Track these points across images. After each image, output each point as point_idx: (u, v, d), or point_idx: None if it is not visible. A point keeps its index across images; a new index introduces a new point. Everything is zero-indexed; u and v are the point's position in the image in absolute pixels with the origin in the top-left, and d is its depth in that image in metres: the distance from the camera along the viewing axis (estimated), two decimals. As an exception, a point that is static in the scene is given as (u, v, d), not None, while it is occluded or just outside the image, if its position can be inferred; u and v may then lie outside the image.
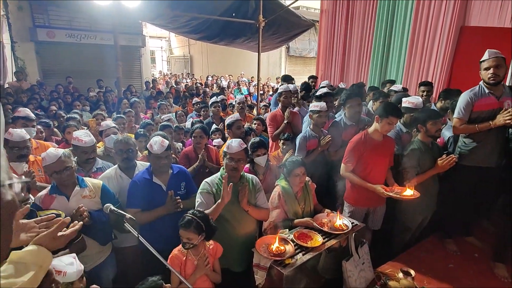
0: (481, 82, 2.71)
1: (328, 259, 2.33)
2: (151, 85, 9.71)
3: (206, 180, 2.37)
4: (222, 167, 2.41)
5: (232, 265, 2.31)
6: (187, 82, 13.36)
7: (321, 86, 4.56)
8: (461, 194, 2.89)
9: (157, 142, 2.37)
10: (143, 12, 7.86)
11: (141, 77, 11.78)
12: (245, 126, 3.93)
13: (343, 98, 3.26)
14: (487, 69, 2.61)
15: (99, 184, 2.28)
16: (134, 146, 2.63)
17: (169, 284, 1.74)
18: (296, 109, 4.13)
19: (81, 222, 1.26)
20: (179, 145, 3.86)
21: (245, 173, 2.49)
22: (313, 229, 2.42)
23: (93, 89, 8.14)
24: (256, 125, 4.16)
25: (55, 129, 4.38)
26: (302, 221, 2.51)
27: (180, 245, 2.02)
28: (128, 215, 1.82)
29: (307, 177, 2.70)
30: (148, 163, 2.64)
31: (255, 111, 6.54)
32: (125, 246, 2.61)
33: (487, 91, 2.67)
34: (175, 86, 10.68)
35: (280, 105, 4.00)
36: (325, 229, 2.40)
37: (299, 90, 4.92)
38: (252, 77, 13.58)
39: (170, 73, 19.29)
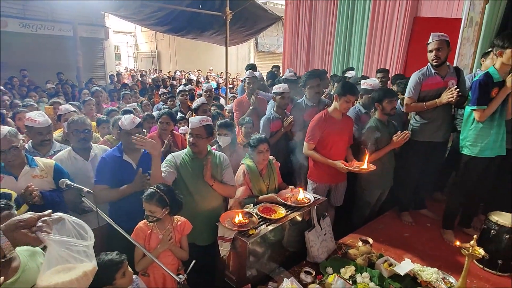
0: (428, 63, 2.92)
1: (291, 232, 2.41)
2: (115, 79, 9.37)
3: (172, 153, 2.38)
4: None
5: (197, 239, 2.32)
6: (154, 76, 13.04)
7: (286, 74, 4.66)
8: (414, 168, 3.11)
9: (127, 118, 2.35)
10: (104, 1, 7.58)
11: (105, 71, 11.34)
12: (212, 111, 3.94)
13: (303, 79, 3.37)
14: (431, 51, 2.83)
15: (51, 164, 2.19)
16: (90, 127, 2.55)
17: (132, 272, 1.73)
18: (262, 93, 4.19)
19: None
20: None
21: (213, 151, 2.51)
22: (277, 204, 2.49)
23: (52, 81, 7.71)
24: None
25: (9, 119, 4.12)
26: (266, 196, 2.58)
27: (146, 218, 2.00)
28: (85, 189, 1.78)
29: (271, 156, 2.77)
30: (106, 147, 2.66)
31: (222, 101, 6.55)
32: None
33: (433, 71, 2.88)
34: (140, 79, 10.38)
35: (246, 91, 4.04)
36: (289, 203, 2.49)
37: (264, 78, 5.01)
38: (221, 72, 13.53)
39: (137, 70, 18.69)
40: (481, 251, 1.87)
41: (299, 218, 2.44)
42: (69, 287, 0.93)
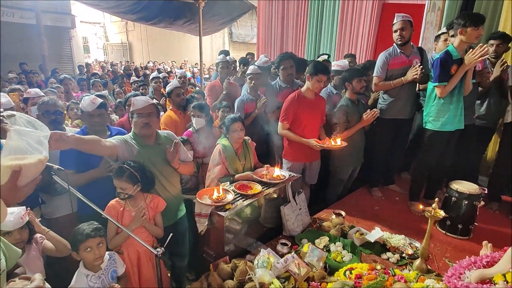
0: (394, 44, 3.06)
1: (268, 208, 2.47)
2: (85, 70, 8.98)
3: (126, 140, 2.18)
4: (132, 129, 2.23)
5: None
6: (125, 65, 12.62)
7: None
8: (383, 145, 3.27)
9: (87, 99, 2.26)
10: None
11: (73, 62, 10.79)
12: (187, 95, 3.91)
13: (276, 61, 3.42)
14: (395, 31, 2.97)
15: None
16: (62, 109, 2.46)
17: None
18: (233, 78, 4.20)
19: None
20: (115, 117, 3.70)
21: (159, 132, 2.34)
22: (253, 181, 2.54)
23: (14, 71, 7.28)
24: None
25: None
26: (242, 175, 2.61)
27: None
28: (55, 166, 1.72)
29: (246, 137, 2.80)
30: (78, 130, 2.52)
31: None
32: (58, 216, 2.45)
33: (398, 51, 3.03)
34: (111, 69, 10.00)
35: (218, 75, 4.03)
36: (265, 180, 2.54)
37: (237, 64, 5.01)
38: (196, 64, 13.33)
39: (107, 62, 17.93)
40: (442, 213, 2.01)
41: (275, 194, 2.50)
42: (25, 169, 1.00)
